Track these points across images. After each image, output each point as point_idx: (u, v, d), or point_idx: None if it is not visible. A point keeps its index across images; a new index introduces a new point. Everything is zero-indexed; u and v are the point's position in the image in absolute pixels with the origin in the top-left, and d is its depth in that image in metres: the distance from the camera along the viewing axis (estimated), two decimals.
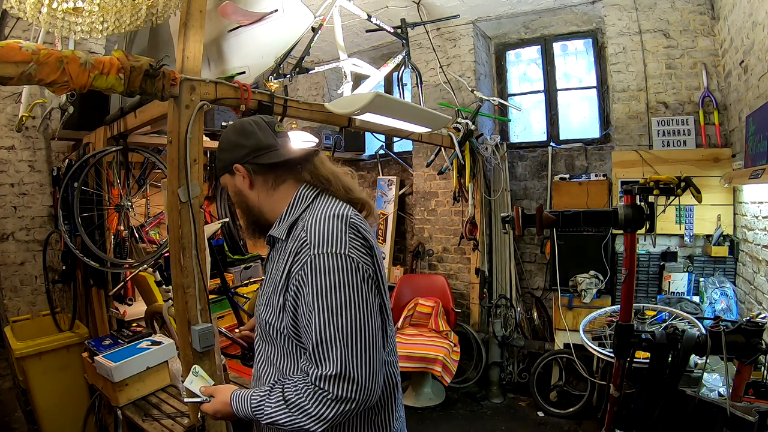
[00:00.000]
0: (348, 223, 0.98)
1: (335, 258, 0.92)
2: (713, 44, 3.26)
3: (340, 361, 0.88)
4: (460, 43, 4.15)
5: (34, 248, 3.01)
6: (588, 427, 3.15)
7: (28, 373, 2.46)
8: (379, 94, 2.06)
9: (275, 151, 1.08)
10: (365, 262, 0.96)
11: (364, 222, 1.04)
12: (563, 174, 3.85)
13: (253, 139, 1.08)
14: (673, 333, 1.80)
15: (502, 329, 3.78)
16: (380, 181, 4.84)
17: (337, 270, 0.92)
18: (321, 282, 0.92)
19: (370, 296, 0.95)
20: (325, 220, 0.97)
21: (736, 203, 3.05)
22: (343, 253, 0.93)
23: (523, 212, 1.92)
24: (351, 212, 1.02)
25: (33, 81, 1.38)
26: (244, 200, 1.13)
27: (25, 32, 2.80)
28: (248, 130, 1.10)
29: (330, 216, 0.98)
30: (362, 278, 0.94)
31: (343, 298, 0.91)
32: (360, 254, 0.95)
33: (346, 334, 0.90)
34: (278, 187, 1.09)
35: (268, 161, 1.07)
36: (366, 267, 0.95)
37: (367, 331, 0.91)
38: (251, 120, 1.12)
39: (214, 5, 2.01)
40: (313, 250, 0.94)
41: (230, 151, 1.10)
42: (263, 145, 1.08)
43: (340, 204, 1.04)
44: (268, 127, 1.10)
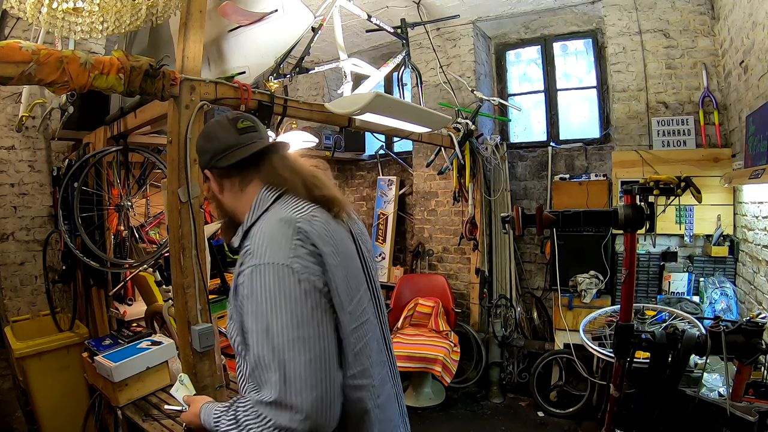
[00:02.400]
0: (295, 228, 0.87)
1: (274, 269, 0.83)
2: (713, 44, 3.26)
3: (277, 388, 0.78)
4: (460, 43, 4.15)
5: (34, 248, 3.01)
6: (588, 427, 3.15)
7: (28, 373, 2.46)
8: (379, 94, 2.06)
9: (234, 151, 1.01)
10: (311, 273, 0.84)
11: (322, 225, 0.92)
12: (563, 174, 3.85)
13: (214, 142, 1.04)
14: (673, 333, 1.80)
15: (502, 329, 3.78)
16: (380, 181, 4.84)
17: (275, 282, 0.82)
18: (258, 296, 0.83)
19: (316, 312, 0.83)
20: (271, 227, 0.89)
21: (736, 203, 3.05)
22: (284, 263, 0.83)
23: (523, 212, 1.92)
24: (305, 215, 0.92)
25: (33, 81, 1.38)
26: (219, 204, 1.09)
27: (25, 32, 2.80)
28: (210, 133, 1.06)
29: (276, 222, 0.90)
30: (305, 292, 0.83)
31: (279, 314, 0.81)
32: (305, 264, 0.84)
33: (282, 356, 0.79)
34: (245, 188, 1.03)
35: (226, 163, 1.01)
36: (312, 279, 0.84)
37: (312, 353, 0.80)
38: (215, 121, 1.08)
39: (214, 5, 2.01)
40: (254, 260, 0.86)
41: (200, 157, 1.08)
42: (223, 146, 1.02)
43: (299, 206, 0.94)
44: (232, 124, 1.04)
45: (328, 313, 0.86)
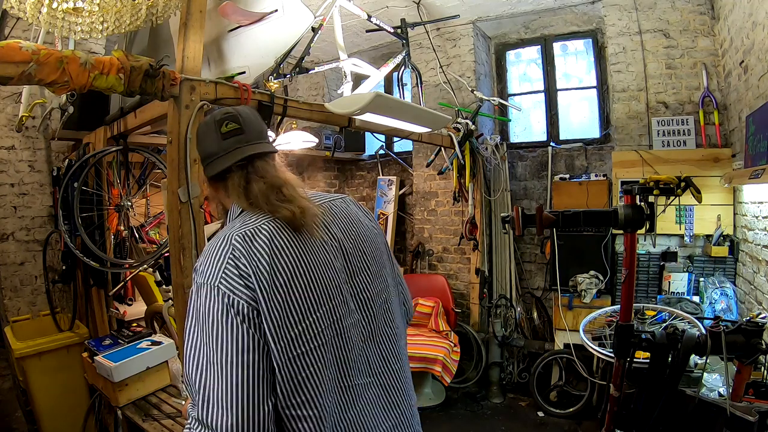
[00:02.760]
0: (231, 247, 0.84)
1: (204, 289, 0.81)
2: (713, 44, 3.26)
3: (199, 407, 0.78)
4: (460, 43, 4.15)
5: (34, 248, 3.01)
6: (588, 427, 3.15)
7: (28, 373, 2.46)
8: (379, 94, 2.06)
9: (217, 160, 0.96)
10: (239, 296, 0.80)
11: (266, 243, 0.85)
12: (563, 174, 3.85)
13: (201, 146, 1.01)
14: (673, 333, 1.80)
15: (502, 329, 3.78)
16: (380, 181, 4.84)
17: (203, 302, 0.81)
18: (189, 314, 0.83)
19: (240, 338, 0.79)
20: (211, 244, 0.87)
21: (736, 203, 3.05)
22: (212, 283, 0.81)
23: (523, 212, 1.92)
24: (250, 230, 0.86)
25: (33, 81, 1.38)
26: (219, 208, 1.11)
27: (25, 32, 2.80)
28: (200, 135, 1.02)
29: (218, 239, 0.87)
30: (230, 315, 0.79)
31: (204, 335, 0.79)
32: (232, 287, 0.80)
33: (205, 377, 0.78)
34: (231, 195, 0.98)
35: (210, 173, 0.98)
36: (238, 302, 0.80)
37: (232, 377, 0.77)
38: (205, 121, 1.02)
39: (214, 5, 2.01)
40: (195, 277, 0.85)
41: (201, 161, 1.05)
42: (206, 153, 0.99)
43: (252, 220, 0.89)
44: (216, 127, 0.97)
45: (254, 340, 0.80)
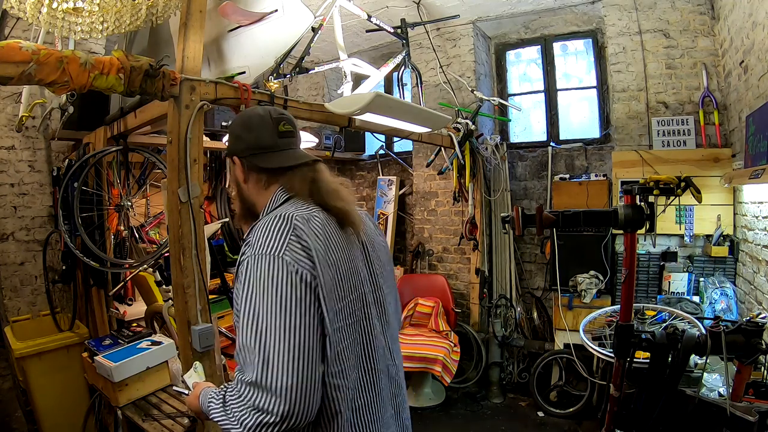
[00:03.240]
0: (292, 224, 0.92)
1: (266, 258, 0.88)
2: (713, 44, 3.26)
3: (258, 369, 0.82)
4: (460, 43, 4.15)
5: (34, 248, 3.01)
6: (588, 427, 3.15)
7: (28, 373, 2.46)
8: (379, 94, 2.06)
9: (271, 154, 1.07)
10: (302, 266, 0.88)
11: (319, 226, 0.96)
12: (563, 174, 3.85)
13: (253, 135, 1.08)
14: (673, 333, 1.80)
15: (502, 329, 3.78)
16: (380, 181, 4.84)
17: (266, 271, 0.86)
18: (250, 283, 0.87)
19: (303, 303, 0.86)
20: (270, 222, 0.94)
21: (736, 203, 3.05)
22: (276, 254, 0.88)
23: (523, 212, 1.92)
24: (306, 213, 0.96)
25: (33, 81, 1.38)
26: (240, 190, 1.14)
27: (25, 32, 2.80)
28: (252, 124, 1.09)
29: (276, 217, 0.94)
30: (295, 282, 0.86)
31: (267, 301, 0.85)
32: (297, 257, 0.88)
33: (266, 340, 0.83)
34: (269, 187, 1.08)
35: (262, 164, 1.07)
36: (302, 271, 0.88)
37: (294, 340, 0.83)
38: (259, 113, 1.11)
39: (214, 5, 2.01)
40: (251, 250, 0.91)
41: (233, 141, 1.12)
42: (261, 144, 1.07)
43: (304, 206, 1.00)
44: (274, 124, 1.08)
45: (314, 306, 0.88)
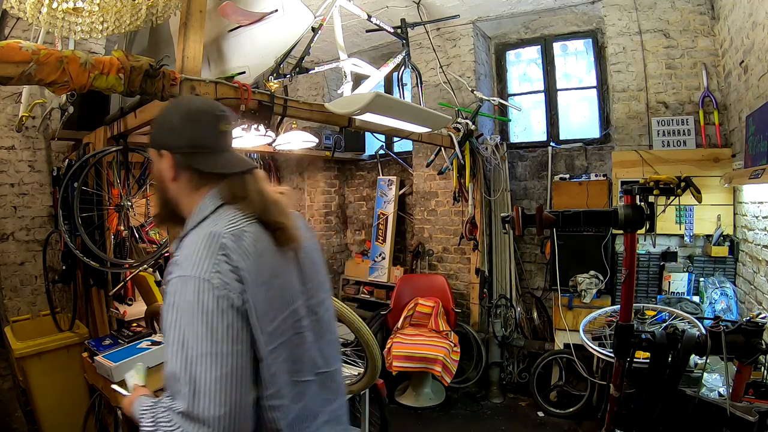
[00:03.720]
0: (220, 244, 0.86)
1: (194, 282, 0.83)
2: (713, 44, 3.26)
3: (188, 400, 0.79)
4: (460, 43, 4.15)
5: (34, 248, 3.01)
6: (588, 427, 3.15)
7: (28, 373, 2.46)
8: (379, 94, 2.07)
9: (211, 155, 0.99)
10: (230, 289, 0.84)
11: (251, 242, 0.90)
12: (563, 174, 3.85)
13: (194, 131, 0.98)
14: (673, 333, 1.80)
15: (502, 329, 3.78)
16: (380, 181, 4.84)
17: (193, 295, 0.82)
18: (175, 306, 0.83)
19: (231, 329, 0.82)
20: (198, 240, 0.88)
21: (736, 203, 3.05)
22: (204, 277, 0.83)
23: (523, 212, 1.92)
24: (236, 230, 0.90)
25: (33, 81, 1.38)
26: (165, 188, 1.03)
27: (25, 32, 2.80)
28: (193, 118, 0.99)
29: (204, 235, 0.88)
30: (224, 308, 0.82)
31: (194, 327, 0.81)
32: (225, 280, 0.84)
33: (195, 369, 0.79)
34: (200, 189, 0.99)
35: (198, 165, 0.98)
36: (231, 296, 0.83)
37: (224, 369, 0.80)
38: (201, 106, 1.01)
39: (214, 5, 2.02)
40: (179, 271, 0.86)
41: (167, 133, 1.00)
42: (201, 143, 0.98)
43: (234, 220, 0.93)
44: (215, 122, 0.99)
45: (244, 332, 0.85)
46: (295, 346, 0.97)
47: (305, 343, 1.00)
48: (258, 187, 1.01)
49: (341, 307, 2.05)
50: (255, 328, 0.86)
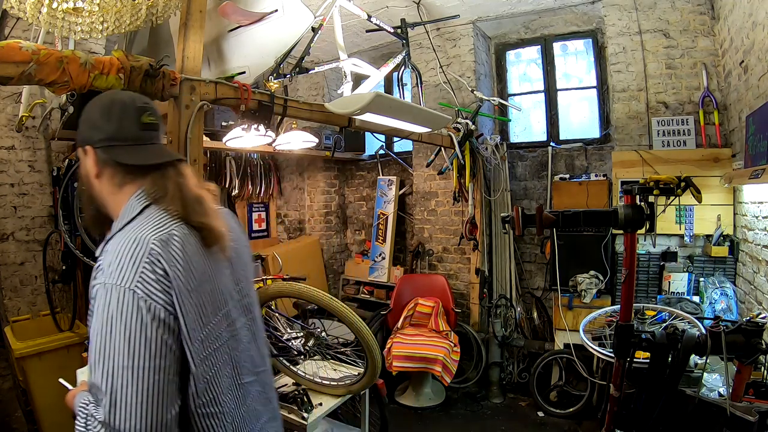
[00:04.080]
0: (146, 250, 0.83)
1: (117, 291, 0.80)
2: (713, 44, 3.26)
3: (107, 411, 0.77)
4: (460, 43, 4.15)
5: (34, 248, 3.01)
6: (588, 427, 3.15)
7: (28, 373, 2.46)
8: (379, 94, 2.06)
9: (133, 147, 0.96)
10: (155, 300, 0.81)
11: (179, 246, 0.87)
12: (563, 174, 3.85)
13: (113, 124, 0.95)
14: (673, 333, 1.80)
15: (502, 329, 3.78)
16: (380, 181, 4.84)
17: (116, 306, 0.79)
18: (97, 315, 0.81)
19: (154, 343, 0.80)
20: (123, 245, 0.85)
21: (736, 203, 3.05)
22: (127, 286, 0.80)
23: (523, 212, 1.92)
24: (163, 234, 0.87)
25: (33, 81, 1.38)
26: (90, 187, 1.00)
27: (25, 32, 2.80)
28: (113, 111, 0.96)
29: (130, 240, 0.85)
30: (146, 320, 0.80)
31: (116, 339, 0.78)
32: (149, 290, 0.81)
33: (113, 382, 0.77)
34: (123, 186, 0.96)
35: (118, 158, 0.94)
36: (155, 307, 0.81)
37: (142, 383, 0.78)
38: (122, 99, 0.99)
39: (214, 5, 2.02)
40: (102, 278, 0.83)
41: (88, 128, 0.98)
42: (122, 136, 0.95)
43: (161, 222, 0.89)
44: (137, 114, 0.97)
45: (168, 345, 0.82)
46: (233, 349, 0.97)
47: (242, 344, 1.00)
48: (182, 181, 0.97)
49: (341, 307, 2.05)
50: (185, 338, 0.84)
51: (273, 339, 2.49)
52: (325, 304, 2.06)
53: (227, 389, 0.93)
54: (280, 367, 2.42)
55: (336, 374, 2.41)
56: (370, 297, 4.73)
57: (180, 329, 0.84)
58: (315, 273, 4.93)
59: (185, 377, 0.86)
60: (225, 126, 3.34)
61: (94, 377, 0.80)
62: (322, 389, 2.31)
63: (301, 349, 2.43)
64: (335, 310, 2.04)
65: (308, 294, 2.11)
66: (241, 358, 0.99)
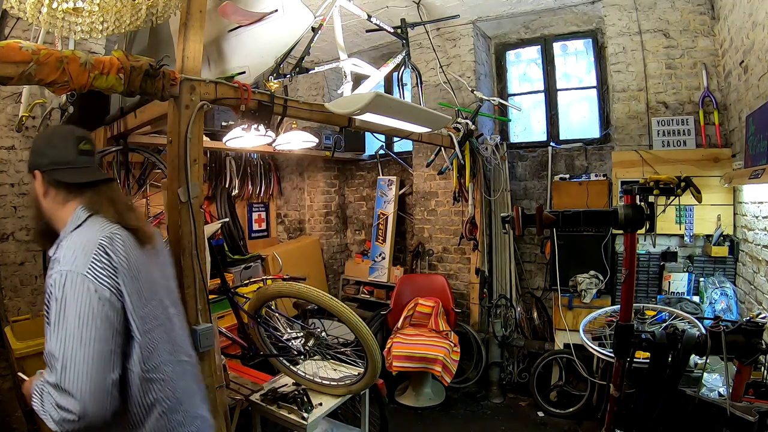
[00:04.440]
0: (96, 243, 1.05)
1: (72, 276, 0.99)
2: (713, 44, 3.26)
3: (59, 374, 0.95)
4: (460, 43, 4.15)
5: (34, 248, 3.00)
6: (588, 427, 3.15)
7: (28, 373, 2.45)
8: (379, 94, 2.06)
9: (69, 170, 1.16)
10: (103, 283, 1.01)
11: (121, 243, 1.09)
12: (563, 174, 3.85)
13: (54, 151, 1.16)
14: (673, 333, 1.80)
15: (502, 329, 3.78)
16: (380, 181, 4.84)
17: (70, 287, 0.98)
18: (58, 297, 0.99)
19: (99, 318, 0.99)
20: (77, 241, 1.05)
21: (736, 203, 3.05)
22: (80, 272, 1.00)
23: (523, 212, 1.92)
24: (108, 233, 1.08)
25: (33, 81, 1.38)
26: (38, 205, 1.20)
27: (25, 32, 2.80)
28: (54, 140, 1.19)
29: (82, 238, 1.06)
30: (93, 299, 0.99)
31: (70, 315, 0.97)
32: (98, 275, 1.01)
33: (65, 349, 0.95)
34: (66, 203, 1.16)
35: (61, 179, 1.15)
36: (102, 289, 1.00)
37: (88, 350, 0.96)
38: (62, 131, 1.23)
39: (214, 5, 2.01)
40: (60, 267, 1.01)
41: (35, 155, 1.19)
42: (61, 161, 1.16)
43: (104, 226, 1.10)
44: (75, 142, 1.18)
45: (111, 320, 1.01)
46: (169, 330, 1.18)
47: (176, 328, 1.22)
48: (114, 196, 1.20)
49: (341, 307, 2.05)
50: (129, 312, 1.05)
51: (273, 339, 2.49)
52: (325, 304, 2.06)
53: (168, 362, 1.14)
54: (280, 367, 2.43)
55: (336, 374, 2.41)
56: (370, 297, 4.73)
57: (125, 306, 1.04)
58: (315, 273, 4.93)
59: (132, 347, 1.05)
60: (225, 126, 3.34)
61: (50, 346, 0.98)
62: (322, 389, 2.31)
63: (301, 349, 2.43)
64: (335, 310, 2.04)
65: (308, 294, 2.11)
66: (177, 340, 1.21)
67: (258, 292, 2.30)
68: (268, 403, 2.20)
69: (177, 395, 1.14)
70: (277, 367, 2.45)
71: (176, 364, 1.17)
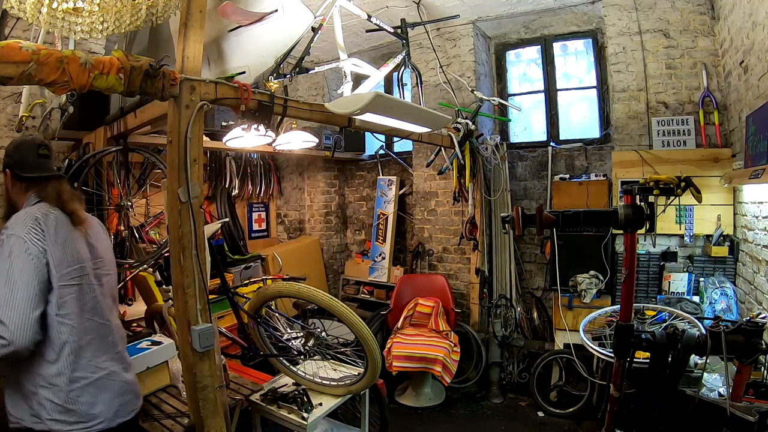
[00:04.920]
0: (33, 217, 1.40)
1: (13, 238, 1.35)
2: (713, 44, 3.26)
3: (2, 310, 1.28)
4: (460, 43, 4.15)
5: None
6: (588, 427, 3.15)
7: None
8: (379, 94, 2.06)
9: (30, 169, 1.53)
10: (35, 245, 1.35)
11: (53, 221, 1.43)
12: (563, 174, 3.85)
13: (21, 154, 1.54)
14: (673, 333, 1.80)
15: (502, 329, 3.78)
16: (380, 181, 4.84)
17: (11, 245, 1.34)
18: (3, 253, 1.34)
19: (27, 268, 1.33)
20: (22, 215, 1.42)
21: (736, 203, 3.05)
22: (20, 235, 1.35)
23: (523, 212, 1.92)
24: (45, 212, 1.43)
25: (33, 81, 1.38)
26: (7, 195, 1.58)
27: (25, 32, 2.80)
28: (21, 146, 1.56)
29: (27, 213, 1.42)
30: (26, 255, 1.33)
31: (10, 267, 1.32)
32: (33, 238, 1.36)
33: (5, 290, 1.29)
34: (26, 192, 1.53)
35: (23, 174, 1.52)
36: (33, 248, 1.35)
37: (17, 292, 1.30)
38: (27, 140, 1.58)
39: (214, 5, 2.01)
40: (6, 232, 1.37)
41: (6, 158, 1.56)
42: (23, 161, 1.53)
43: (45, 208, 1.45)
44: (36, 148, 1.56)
45: (37, 271, 1.34)
46: (84, 292, 1.47)
47: (93, 293, 1.51)
48: (61, 188, 1.55)
49: (341, 307, 2.05)
50: (51, 268, 1.38)
51: (273, 339, 2.49)
52: (325, 304, 2.06)
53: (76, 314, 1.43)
54: (280, 367, 2.43)
55: (336, 374, 2.41)
56: (370, 297, 4.73)
57: (48, 263, 1.37)
58: (315, 273, 4.93)
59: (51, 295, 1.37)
60: (225, 126, 3.34)
61: None
62: (322, 389, 2.31)
63: (301, 349, 2.43)
64: (335, 310, 2.04)
65: (308, 294, 2.11)
66: (89, 302, 1.48)
67: (258, 292, 2.30)
68: (268, 403, 2.20)
69: (81, 344, 1.42)
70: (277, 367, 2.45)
71: (86, 321, 1.45)
